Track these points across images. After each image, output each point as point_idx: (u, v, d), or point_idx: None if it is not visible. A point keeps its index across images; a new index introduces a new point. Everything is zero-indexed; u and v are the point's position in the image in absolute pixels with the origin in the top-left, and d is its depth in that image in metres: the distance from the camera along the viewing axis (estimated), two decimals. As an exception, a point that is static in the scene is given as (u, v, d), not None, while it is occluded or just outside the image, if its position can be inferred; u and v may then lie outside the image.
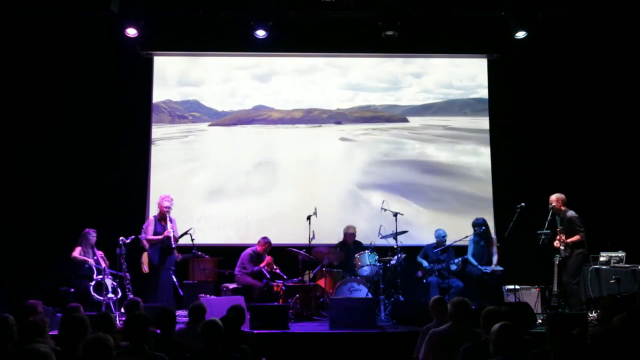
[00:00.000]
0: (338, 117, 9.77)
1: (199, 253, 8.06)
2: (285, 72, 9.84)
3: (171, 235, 7.75)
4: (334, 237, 8.85)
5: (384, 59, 9.85)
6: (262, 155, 9.64)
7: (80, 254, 7.79)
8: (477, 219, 8.21)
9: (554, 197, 7.69)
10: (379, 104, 9.82)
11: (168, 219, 7.87)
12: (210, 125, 9.70)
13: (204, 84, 9.79)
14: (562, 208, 7.65)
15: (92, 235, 7.94)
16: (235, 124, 9.74)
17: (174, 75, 9.77)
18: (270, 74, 9.82)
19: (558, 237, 7.59)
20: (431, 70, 9.89)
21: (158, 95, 9.68)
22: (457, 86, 9.81)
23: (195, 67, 9.84)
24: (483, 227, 8.11)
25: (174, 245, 7.84)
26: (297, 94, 9.80)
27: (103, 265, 7.75)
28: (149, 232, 7.90)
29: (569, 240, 7.54)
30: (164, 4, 8.75)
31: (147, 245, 7.93)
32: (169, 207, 7.95)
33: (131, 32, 8.31)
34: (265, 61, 9.83)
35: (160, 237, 7.79)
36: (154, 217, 8.05)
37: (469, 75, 9.86)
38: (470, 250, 8.23)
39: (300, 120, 9.76)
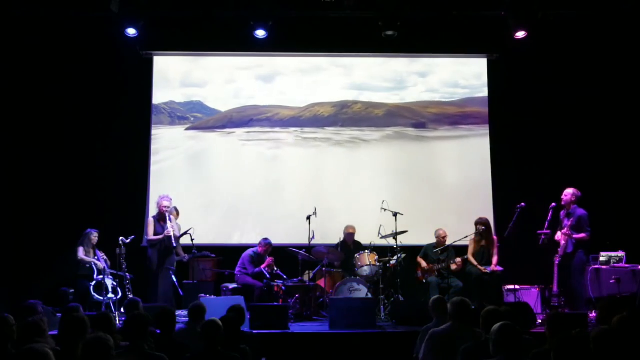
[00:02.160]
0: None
1: (206, 252, 8.07)
2: (289, 72, 9.81)
3: (172, 235, 7.73)
4: (334, 237, 8.85)
5: (388, 58, 9.83)
6: (264, 154, 9.63)
7: (83, 254, 7.80)
8: (479, 219, 8.21)
9: (571, 191, 7.68)
10: (387, 103, 9.81)
11: (168, 218, 7.85)
12: (204, 127, 9.72)
13: (208, 85, 9.77)
14: (573, 205, 7.66)
15: (94, 236, 7.94)
16: (226, 125, 9.72)
17: (177, 77, 9.76)
18: (274, 74, 9.80)
19: (564, 231, 7.57)
20: (437, 69, 9.86)
21: (161, 96, 9.68)
22: (462, 85, 9.79)
23: (198, 68, 9.82)
24: (483, 227, 8.11)
25: (174, 245, 7.83)
26: (302, 94, 9.77)
27: (104, 265, 7.75)
28: (149, 233, 7.89)
29: (575, 237, 7.55)
30: (164, 4, 8.75)
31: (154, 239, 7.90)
32: (169, 207, 7.94)
33: (131, 32, 8.31)
34: (268, 61, 9.80)
35: (160, 236, 7.78)
36: (154, 217, 8.02)
37: (475, 73, 9.82)
38: (470, 249, 8.23)
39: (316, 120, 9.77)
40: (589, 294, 7.77)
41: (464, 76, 9.83)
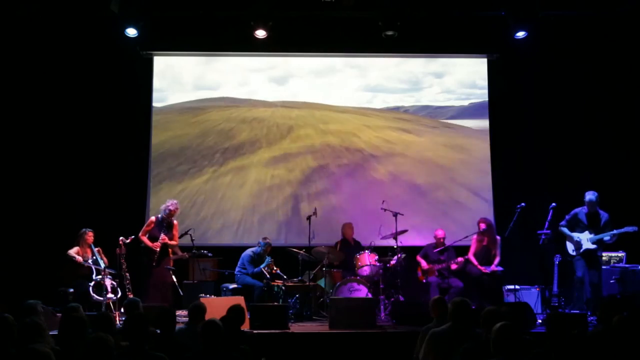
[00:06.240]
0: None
1: (204, 252, 8.08)
2: (303, 73, 9.76)
3: (157, 250, 7.68)
4: (334, 237, 8.87)
5: (404, 59, 9.79)
6: (265, 154, 9.60)
7: (77, 253, 7.77)
8: (482, 218, 8.22)
9: (595, 194, 7.61)
10: (400, 105, 9.76)
11: (170, 225, 7.83)
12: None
13: (221, 87, 9.72)
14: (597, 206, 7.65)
15: (89, 235, 7.91)
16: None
17: (190, 79, 9.72)
18: (287, 75, 9.76)
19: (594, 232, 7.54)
20: (453, 70, 9.81)
21: (174, 98, 9.65)
22: (480, 86, 9.73)
23: (210, 70, 9.76)
24: (485, 227, 8.09)
25: (176, 257, 7.88)
26: (315, 95, 9.73)
27: (102, 265, 7.73)
28: (144, 231, 7.82)
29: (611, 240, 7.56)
30: (164, 4, 8.75)
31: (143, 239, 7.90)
32: (174, 212, 7.91)
33: (131, 32, 8.31)
34: (280, 62, 9.76)
35: (149, 244, 7.73)
36: (156, 218, 7.95)
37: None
38: (471, 249, 8.24)
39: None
40: (589, 294, 7.78)
41: (481, 76, 9.73)
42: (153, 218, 7.97)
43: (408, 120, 9.74)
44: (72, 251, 7.75)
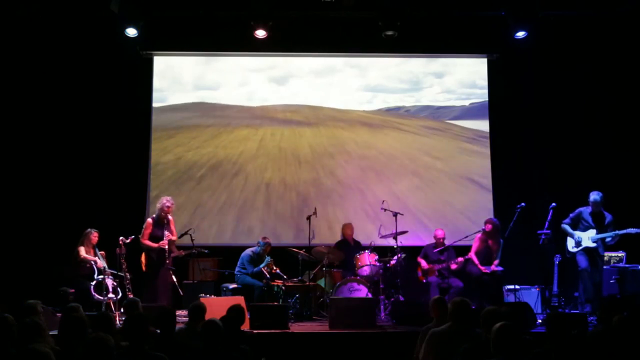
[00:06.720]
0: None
1: (204, 251, 8.07)
2: (303, 73, 9.74)
3: (166, 247, 7.65)
4: (334, 237, 8.87)
5: (405, 59, 9.78)
6: (265, 153, 9.58)
7: (85, 253, 7.78)
8: (489, 219, 8.22)
9: (599, 195, 7.60)
10: (400, 105, 9.74)
11: (168, 222, 7.81)
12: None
13: (221, 87, 9.70)
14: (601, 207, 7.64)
15: (94, 235, 7.92)
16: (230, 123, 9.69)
17: (190, 79, 9.70)
18: (287, 75, 9.74)
19: (597, 232, 7.53)
20: (453, 70, 9.79)
21: (174, 98, 9.64)
22: (480, 86, 9.72)
23: (210, 70, 9.74)
24: (491, 227, 8.07)
25: (173, 255, 7.83)
26: (316, 95, 9.70)
27: (105, 264, 7.73)
28: (145, 235, 7.82)
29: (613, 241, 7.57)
30: (164, 4, 8.75)
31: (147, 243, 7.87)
32: (170, 208, 7.89)
33: (131, 32, 8.31)
34: (281, 62, 9.74)
35: (154, 245, 7.70)
36: (152, 218, 7.93)
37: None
38: (474, 247, 8.23)
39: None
40: (589, 294, 7.78)
41: (482, 76, 9.72)
42: (150, 220, 7.92)
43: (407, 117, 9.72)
44: (83, 252, 7.75)
